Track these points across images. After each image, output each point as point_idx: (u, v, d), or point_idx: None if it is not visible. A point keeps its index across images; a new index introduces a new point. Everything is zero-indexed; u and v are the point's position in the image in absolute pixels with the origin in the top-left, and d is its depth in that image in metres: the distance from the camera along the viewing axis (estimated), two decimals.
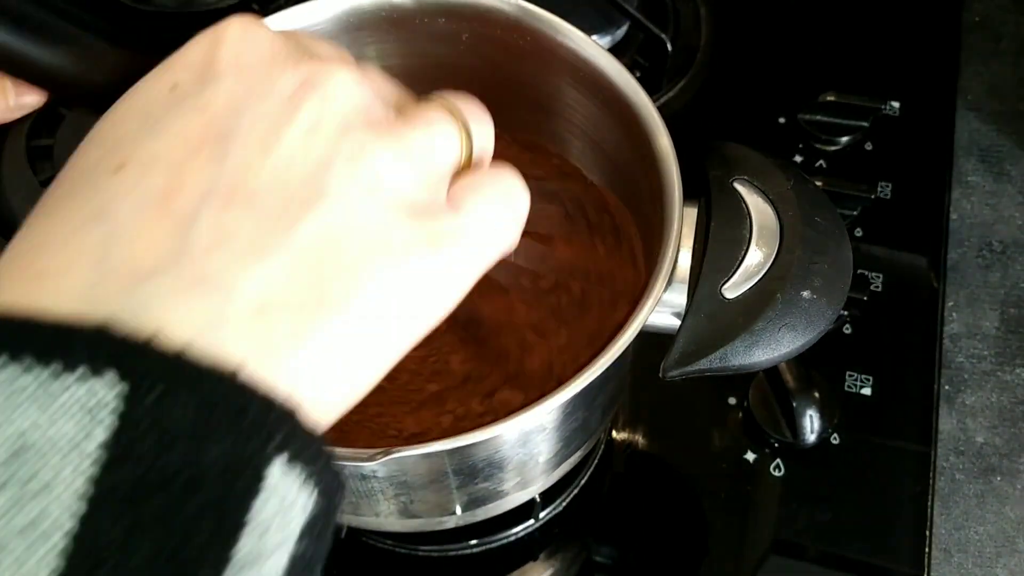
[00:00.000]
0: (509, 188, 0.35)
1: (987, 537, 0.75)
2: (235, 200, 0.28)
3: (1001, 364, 0.81)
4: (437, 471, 0.49)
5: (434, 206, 0.32)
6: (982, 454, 0.77)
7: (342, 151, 0.30)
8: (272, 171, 0.29)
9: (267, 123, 0.30)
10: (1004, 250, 0.86)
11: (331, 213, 0.29)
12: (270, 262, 0.28)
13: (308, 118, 0.30)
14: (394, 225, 0.30)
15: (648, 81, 0.79)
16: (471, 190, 0.34)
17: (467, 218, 0.33)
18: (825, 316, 0.47)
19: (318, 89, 0.31)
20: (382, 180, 0.30)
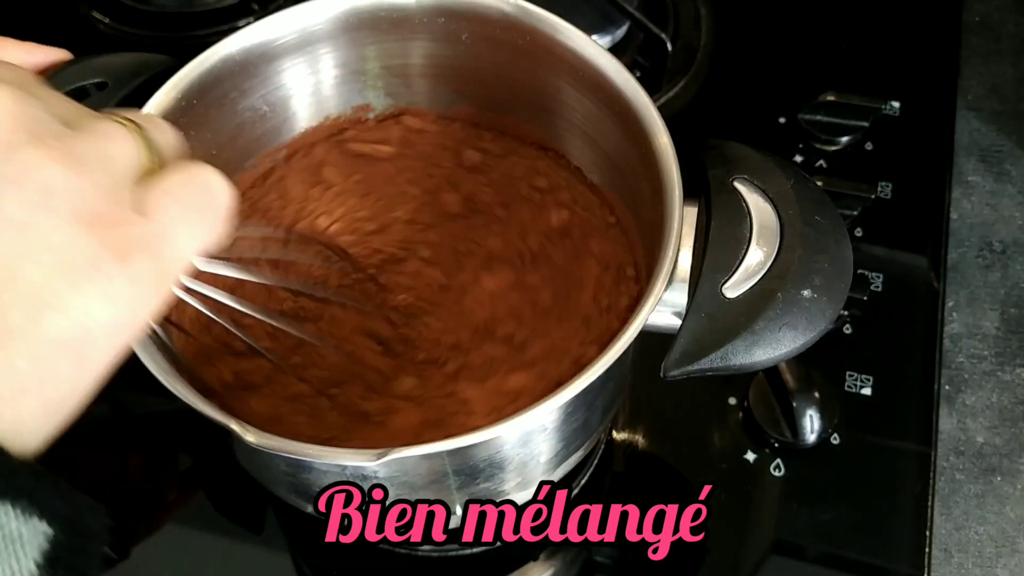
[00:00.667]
0: (202, 183, 0.34)
1: (987, 537, 0.75)
2: None
3: (1001, 364, 0.81)
4: (438, 471, 0.49)
5: (118, 214, 0.30)
6: (982, 454, 0.77)
7: (5, 173, 0.28)
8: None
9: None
10: (1004, 250, 0.86)
11: (2, 239, 0.28)
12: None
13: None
14: (75, 241, 0.29)
15: (648, 81, 0.79)
16: (160, 192, 0.32)
17: (158, 221, 0.31)
18: (826, 315, 0.47)
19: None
20: (54, 196, 0.29)
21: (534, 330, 0.58)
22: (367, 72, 0.65)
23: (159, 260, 0.31)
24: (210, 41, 0.57)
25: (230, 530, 0.67)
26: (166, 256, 0.31)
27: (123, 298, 0.30)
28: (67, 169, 0.29)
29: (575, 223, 0.62)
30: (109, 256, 0.29)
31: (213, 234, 0.34)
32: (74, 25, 0.94)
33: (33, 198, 0.28)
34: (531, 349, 0.57)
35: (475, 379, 0.56)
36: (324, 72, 0.63)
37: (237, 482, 0.63)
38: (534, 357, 0.57)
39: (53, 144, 0.30)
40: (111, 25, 0.94)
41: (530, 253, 0.62)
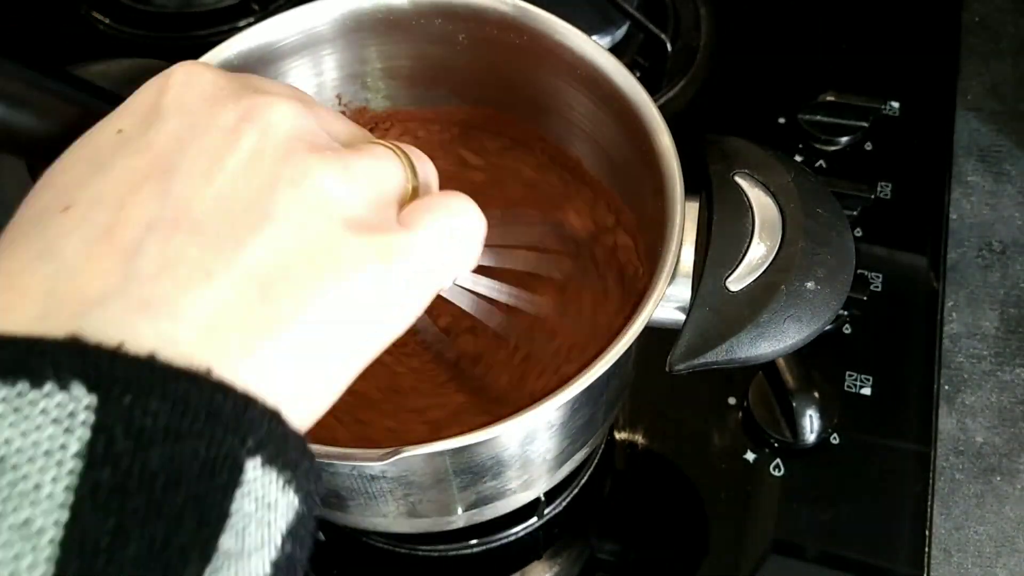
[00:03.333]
0: (461, 208, 0.36)
1: (987, 537, 0.75)
2: (179, 229, 0.29)
3: (1001, 364, 0.81)
4: (445, 470, 0.49)
5: (383, 224, 0.33)
6: (982, 454, 0.78)
7: (284, 175, 0.31)
8: (215, 199, 0.30)
9: (209, 155, 0.31)
10: (1004, 250, 0.86)
11: (277, 234, 0.30)
12: (215, 283, 0.28)
13: (249, 146, 0.31)
14: (342, 241, 0.31)
15: (648, 81, 0.79)
16: (422, 210, 0.35)
17: (418, 235, 0.33)
18: (829, 306, 0.47)
19: (259, 120, 0.32)
20: (327, 199, 0.31)
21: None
22: (366, 74, 0.65)
23: (420, 270, 0.33)
24: (210, 42, 0.57)
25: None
26: (426, 268, 0.33)
27: (382, 297, 0.32)
28: (340, 178, 0.32)
29: (575, 221, 0.62)
30: (375, 258, 0.31)
31: (469, 259, 0.36)
32: (74, 25, 0.94)
33: (309, 200, 0.31)
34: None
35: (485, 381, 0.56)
36: (323, 74, 0.63)
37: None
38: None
39: (329, 155, 0.32)
40: (111, 25, 0.94)
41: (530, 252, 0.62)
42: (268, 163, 0.31)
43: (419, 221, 0.34)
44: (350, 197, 0.32)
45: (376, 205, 0.33)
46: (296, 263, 0.30)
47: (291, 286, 0.30)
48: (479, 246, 0.37)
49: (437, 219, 0.34)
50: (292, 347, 0.29)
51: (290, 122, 0.32)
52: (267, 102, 0.32)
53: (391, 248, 0.32)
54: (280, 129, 0.32)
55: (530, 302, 0.58)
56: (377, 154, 0.34)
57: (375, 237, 0.32)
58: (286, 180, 0.31)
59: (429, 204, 0.35)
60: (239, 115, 0.32)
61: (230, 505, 0.26)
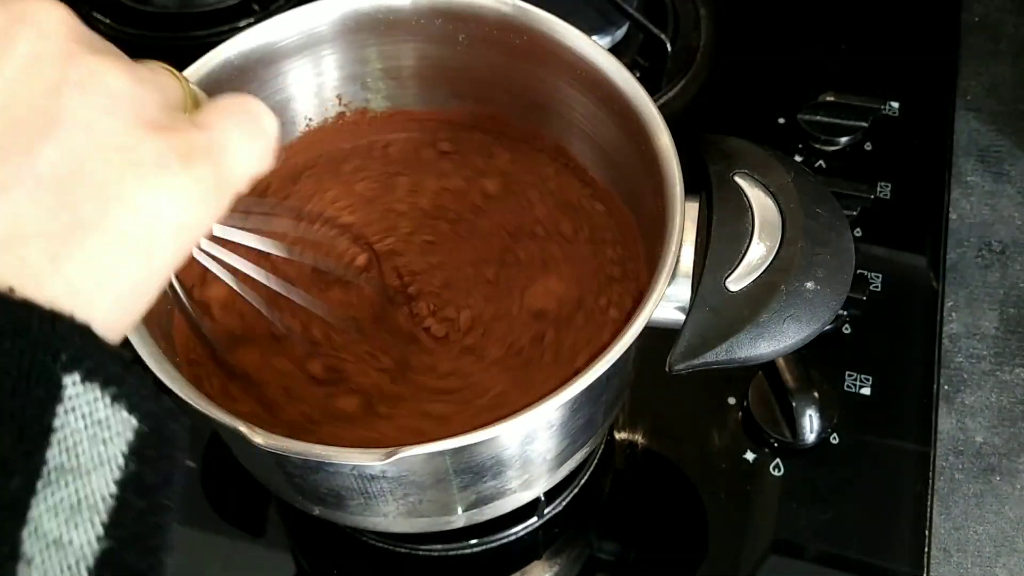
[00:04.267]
0: (253, 109, 0.35)
1: (986, 537, 0.75)
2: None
3: (1000, 364, 0.81)
4: (445, 470, 0.49)
5: (178, 124, 0.32)
6: (981, 454, 0.78)
7: (70, 77, 0.29)
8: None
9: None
10: (1003, 250, 0.86)
11: (68, 138, 0.28)
12: (10, 194, 0.27)
13: (24, 51, 0.29)
14: (140, 141, 0.30)
15: (648, 81, 0.79)
16: (216, 111, 0.34)
17: (216, 135, 0.33)
18: (829, 306, 0.47)
19: (32, 22, 0.29)
20: (118, 99, 0.30)
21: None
22: (366, 74, 0.65)
23: (220, 167, 0.32)
24: (210, 42, 0.57)
25: (231, 530, 0.67)
26: (226, 165, 0.32)
27: (187, 198, 0.31)
28: (129, 80, 0.30)
29: (576, 221, 0.62)
30: (174, 157, 0.30)
31: (265, 157, 0.35)
32: None
33: (97, 101, 0.29)
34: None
35: None
36: (323, 75, 0.63)
37: (238, 483, 0.63)
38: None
39: (114, 57, 0.31)
40: (111, 26, 0.94)
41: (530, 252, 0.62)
42: (49, 66, 0.29)
43: (213, 121, 0.33)
44: (140, 97, 0.31)
45: (165, 107, 0.32)
46: (93, 166, 0.29)
47: (90, 190, 0.28)
48: (273, 143, 0.36)
49: (231, 117, 0.34)
50: (97, 254, 0.28)
51: (68, 24, 0.30)
52: (37, 6, 0.30)
53: (191, 146, 0.31)
54: (58, 31, 0.30)
55: None
56: (153, 67, 0.33)
57: (173, 136, 0.31)
58: (72, 82, 0.29)
59: (222, 105, 0.34)
60: (9, 17, 0.29)
61: (52, 420, 0.26)
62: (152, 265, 0.30)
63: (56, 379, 0.26)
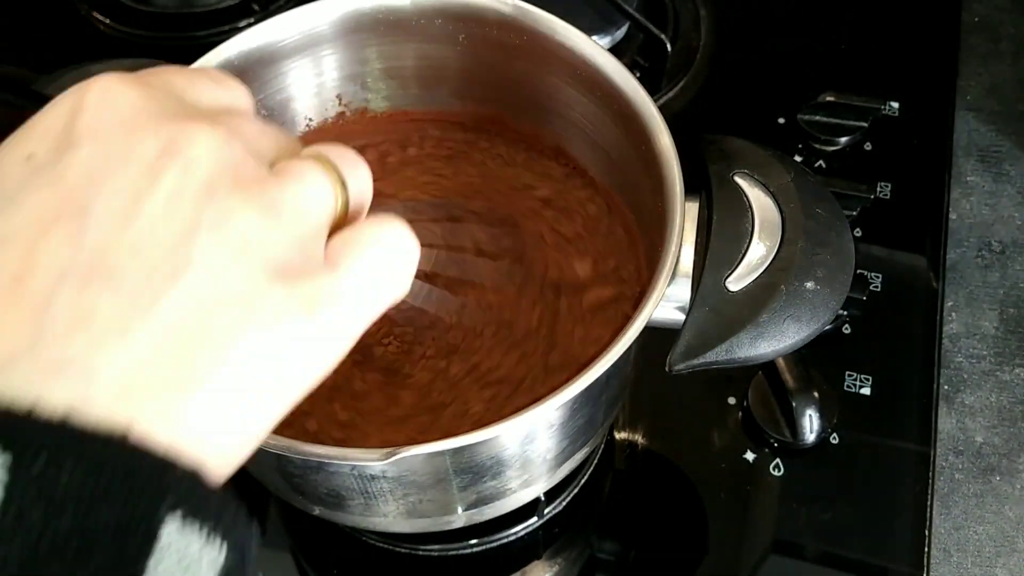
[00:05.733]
0: (392, 238, 0.34)
1: (986, 537, 0.75)
2: (93, 278, 0.27)
3: (1000, 364, 0.81)
4: (445, 470, 0.49)
5: (309, 266, 0.31)
6: (981, 454, 0.78)
7: (206, 218, 0.29)
8: (132, 245, 0.28)
9: (126, 194, 0.28)
10: (1003, 250, 0.86)
11: (196, 283, 0.28)
12: (132, 340, 0.27)
13: (169, 186, 0.28)
14: (265, 291, 0.29)
15: (648, 81, 0.80)
16: (349, 245, 0.33)
17: (345, 277, 0.32)
18: (829, 306, 0.47)
19: (179, 156, 0.29)
20: (250, 244, 0.29)
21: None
22: (366, 74, 0.65)
23: (348, 312, 0.31)
24: (210, 42, 0.57)
25: None
26: (349, 310, 0.32)
27: (310, 347, 0.30)
28: (264, 218, 0.30)
29: (575, 221, 0.62)
30: (298, 307, 0.30)
31: (399, 292, 0.34)
32: (74, 25, 0.94)
33: (229, 246, 0.29)
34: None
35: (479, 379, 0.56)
36: (324, 75, 0.63)
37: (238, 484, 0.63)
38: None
39: (253, 191, 0.30)
40: (111, 26, 0.94)
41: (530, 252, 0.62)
42: (189, 204, 0.28)
43: (346, 259, 0.32)
44: (274, 239, 0.30)
45: (302, 242, 0.31)
46: (215, 314, 0.28)
47: (209, 339, 0.28)
48: (411, 276, 0.34)
49: (366, 254, 0.32)
50: (211, 402, 0.28)
51: (213, 155, 0.29)
52: (189, 133, 0.29)
53: (315, 295, 0.30)
54: (202, 165, 0.29)
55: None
56: (304, 177, 0.32)
57: (299, 285, 0.30)
58: (207, 224, 0.28)
59: (358, 238, 0.33)
60: (159, 148, 0.29)
61: (146, 562, 0.26)
62: (270, 411, 0.30)
63: (153, 527, 0.26)
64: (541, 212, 0.63)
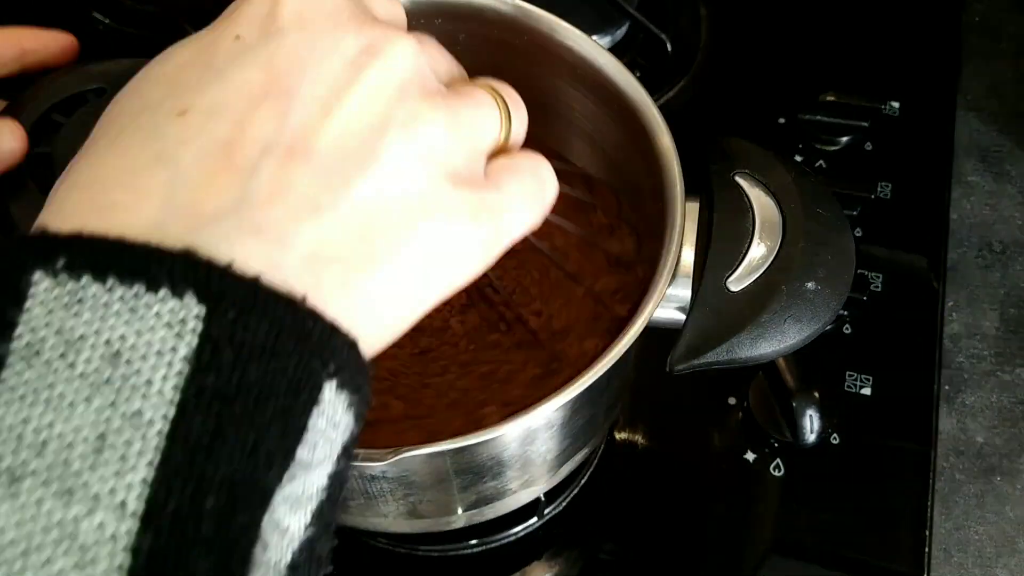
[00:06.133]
0: (542, 174, 0.37)
1: (987, 537, 0.75)
2: (294, 156, 0.30)
3: (1001, 364, 0.81)
4: (446, 470, 0.49)
5: (476, 179, 0.34)
6: (982, 454, 0.77)
7: (397, 117, 0.31)
8: (331, 131, 0.31)
9: (329, 84, 0.31)
10: (1004, 250, 0.86)
11: (383, 175, 0.31)
12: (323, 217, 0.30)
13: (368, 83, 0.31)
14: (440, 192, 0.32)
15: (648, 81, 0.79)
16: (509, 170, 0.36)
17: (504, 196, 0.35)
18: (830, 307, 0.47)
19: (379, 56, 0.32)
20: (431, 148, 0.32)
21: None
22: None
23: (500, 226, 0.35)
24: None
25: None
26: (505, 225, 0.35)
27: (468, 248, 0.34)
28: (446, 128, 0.33)
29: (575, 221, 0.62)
30: (465, 212, 0.33)
31: (538, 219, 0.37)
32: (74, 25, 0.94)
33: (414, 145, 0.32)
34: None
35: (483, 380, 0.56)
36: None
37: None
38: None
39: (439, 101, 0.33)
40: (111, 25, 0.94)
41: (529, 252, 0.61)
42: (384, 103, 0.32)
43: (507, 181, 0.35)
44: (452, 148, 0.33)
45: (472, 156, 0.34)
46: (395, 207, 0.31)
47: (388, 228, 0.31)
48: (549, 207, 0.38)
49: (522, 181, 0.36)
50: (378, 286, 0.31)
51: (408, 62, 0.32)
52: (388, 38, 0.33)
53: (481, 204, 0.34)
54: (398, 69, 0.32)
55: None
56: (479, 101, 0.35)
57: (468, 193, 0.33)
58: (398, 123, 0.31)
59: (517, 165, 0.36)
60: (361, 46, 0.32)
61: (308, 421, 0.28)
62: (422, 301, 0.33)
63: (320, 385, 0.29)
64: None
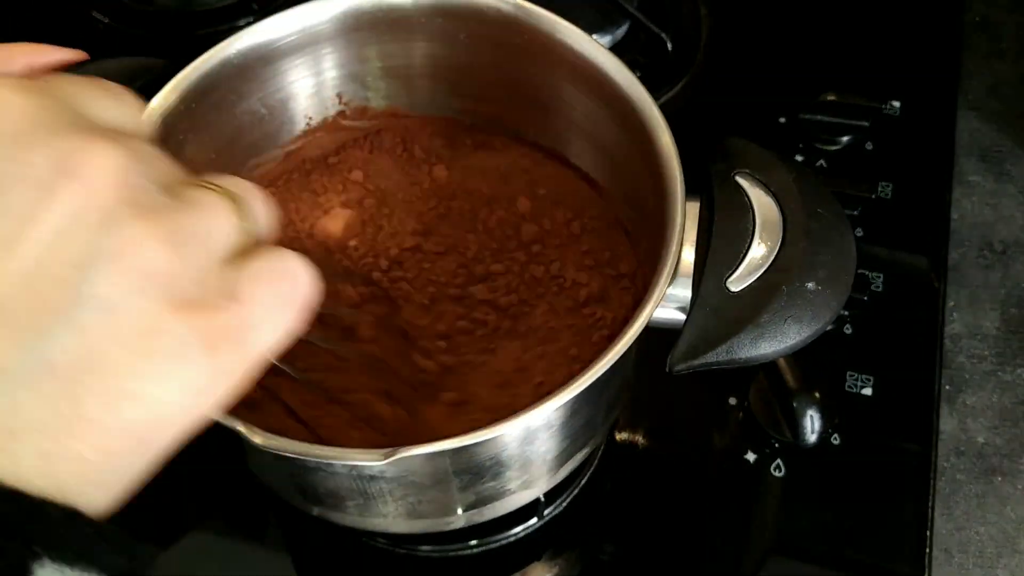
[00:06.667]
0: (291, 272, 0.32)
1: (988, 537, 0.75)
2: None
3: (1002, 364, 0.81)
4: (445, 470, 0.49)
5: (209, 300, 0.29)
6: (983, 454, 0.78)
7: (103, 248, 0.26)
8: (19, 276, 0.26)
9: (16, 217, 0.26)
10: (1005, 250, 0.86)
11: (88, 320, 0.26)
12: (12, 384, 0.26)
13: (64, 209, 0.26)
14: (165, 328, 0.27)
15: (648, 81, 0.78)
16: (251, 278, 0.31)
17: (248, 311, 0.30)
18: (830, 307, 0.47)
19: (77, 174, 0.27)
20: (152, 276, 0.27)
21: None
22: (366, 73, 0.65)
23: (243, 350, 0.30)
24: (210, 41, 0.57)
25: (232, 531, 0.67)
26: (250, 346, 0.30)
27: (202, 388, 0.29)
28: (166, 249, 0.28)
29: (575, 221, 0.62)
30: (196, 345, 0.28)
31: (292, 326, 0.32)
32: (74, 25, 0.94)
33: (128, 277, 0.27)
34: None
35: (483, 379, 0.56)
36: (323, 74, 0.63)
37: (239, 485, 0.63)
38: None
39: (155, 220, 0.28)
40: (111, 25, 0.94)
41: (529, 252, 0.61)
42: (85, 232, 0.26)
43: (247, 291, 0.30)
44: (175, 271, 0.28)
45: (203, 273, 0.29)
46: (109, 353, 0.26)
47: (99, 380, 0.26)
48: (306, 312, 0.33)
49: (268, 286, 0.31)
50: (94, 451, 0.27)
51: (114, 177, 0.27)
52: (87, 152, 0.27)
53: (218, 329, 0.29)
54: (103, 187, 0.27)
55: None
56: (204, 205, 0.30)
57: (201, 317, 0.28)
58: (105, 255, 0.26)
59: (258, 271, 0.31)
60: (55, 165, 0.26)
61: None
62: (151, 454, 0.29)
63: (27, 568, 0.25)
64: (540, 211, 0.63)
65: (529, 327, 0.58)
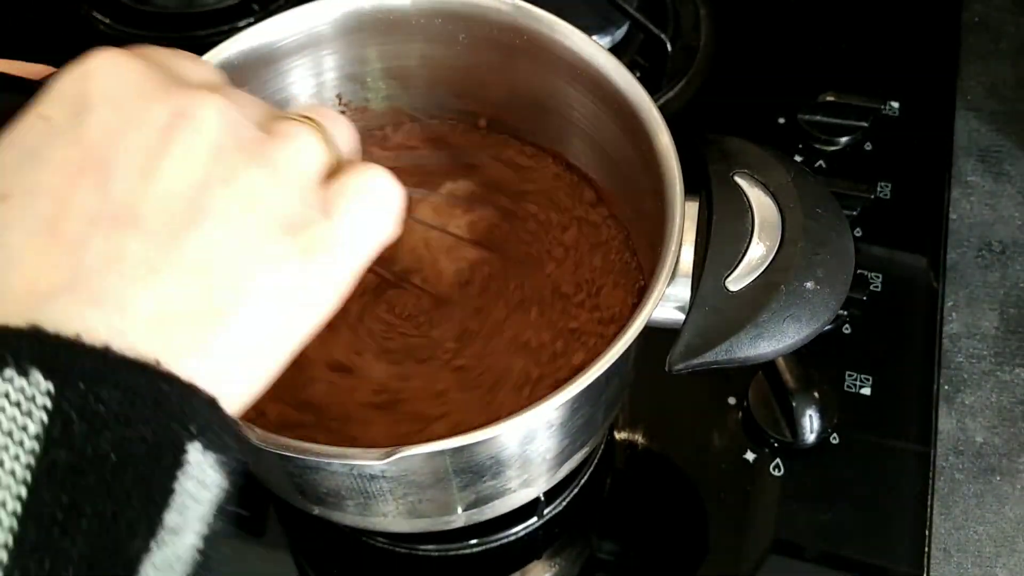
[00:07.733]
0: (377, 186, 0.37)
1: (987, 537, 0.75)
2: (121, 224, 0.30)
3: (1000, 364, 0.81)
4: (445, 470, 0.49)
5: (306, 215, 0.34)
6: (981, 454, 0.78)
7: (216, 174, 0.32)
8: (154, 195, 0.31)
9: (144, 152, 0.31)
10: (1003, 250, 0.86)
11: (212, 230, 0.31)
12: (159, 278, 0.30)
13: (182, 146, 0.32)
14: (268, 240, 0.33)
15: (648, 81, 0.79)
16: (339, 194, 0.36)
17: (338, 223, 0.35)
18: (829, 306, 0.47)
19: (189, 119, 0.32)
20: (255, 197, 0.33)
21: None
22: (366, 74, 0.65)
23: (341, 255, 0.35)
24: (210, 42, 0.57)
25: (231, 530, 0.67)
26: (347, 252, 0.35)
27: (311, 286, 0.34)
28: (266, 174, 0.33)
29: (575, 221, 0.62)
30: (297, 254, 0.33)
31: (386, 235, 0.37)
32: (74, 25, 0.94)
33: (238, 198, 0.32)
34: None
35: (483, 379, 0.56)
36: (323, 74, 0.63)
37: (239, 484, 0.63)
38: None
39: (255, 149, 0.33)
40: (111, 25, 0.94)
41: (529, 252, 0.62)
42: (201, 162, 0.32)
43: (338, 206, 0.35)
44: (275, 192, 0.33)
45: (298, 193, 0.34)
46: (230, 258, 0.32)
47: (227, 279, 0.31)
48: (397, 218, 0.38)
49: (354, 202, 0.36)
50: (228, 339, 0.31)
51: (217, 119, 0.33)
52: (196, 101, 0.33)
53: (313, 242, 0.34)
54: (210, 128, 0.32)
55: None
56: (296, 136, 0.35)
57: (298, 233, 0.33)
58: (218, 179, 0.32)
59: (347, 186, 0.36)
60: (170, 113, 0.32)
61: (174, 484, 0.29)
62: (280, 348, 0.34)
63: (183, 448, 0.29)
64: (540, 211, 0.63)
65: (527, 326, 0.58)
